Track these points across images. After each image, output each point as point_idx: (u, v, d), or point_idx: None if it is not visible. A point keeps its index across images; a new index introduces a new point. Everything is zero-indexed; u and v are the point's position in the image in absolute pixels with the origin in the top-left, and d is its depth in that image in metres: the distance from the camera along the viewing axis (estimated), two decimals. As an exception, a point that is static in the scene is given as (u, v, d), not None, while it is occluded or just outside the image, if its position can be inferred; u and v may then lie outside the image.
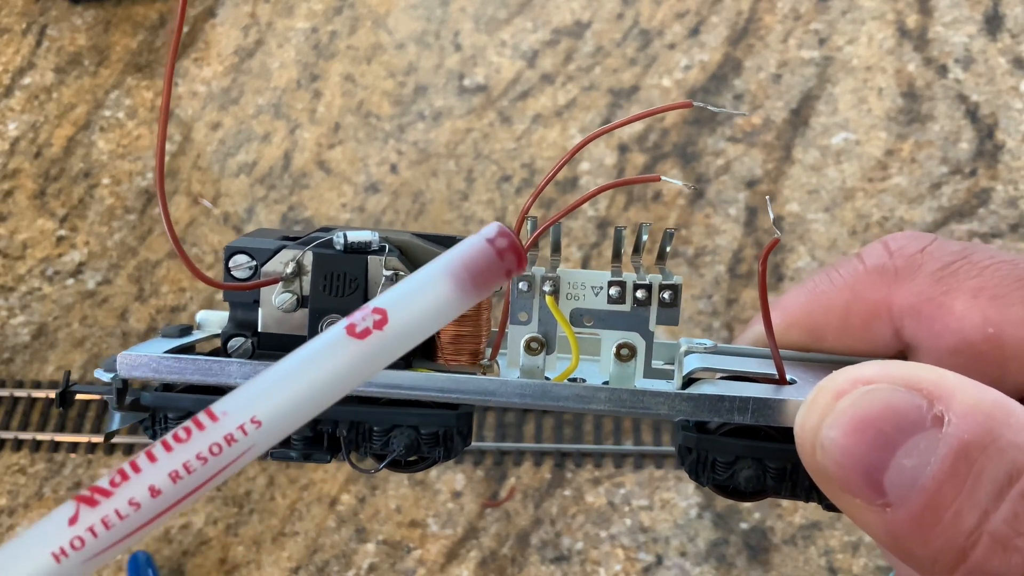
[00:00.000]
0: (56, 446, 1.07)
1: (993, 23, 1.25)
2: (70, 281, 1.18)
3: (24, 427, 1.08)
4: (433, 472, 1.03)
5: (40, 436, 1.06)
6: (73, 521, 0.19)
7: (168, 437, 0.20)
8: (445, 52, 1.30)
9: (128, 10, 1.38)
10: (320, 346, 0.21)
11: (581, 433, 1.04)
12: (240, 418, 0.20)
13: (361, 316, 0.21)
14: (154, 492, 0.20)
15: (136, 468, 0.20)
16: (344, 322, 0.21)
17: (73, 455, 1.06)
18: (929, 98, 1.21)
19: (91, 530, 0.19)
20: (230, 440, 0.20)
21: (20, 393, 1.09)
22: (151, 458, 0.20)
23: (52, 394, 1.07)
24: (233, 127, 1.27)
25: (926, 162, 1.17)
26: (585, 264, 1.12)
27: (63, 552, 0.19)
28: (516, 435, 1.05)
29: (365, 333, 0.21)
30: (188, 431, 0.20)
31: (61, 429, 1.07)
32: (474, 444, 1.04)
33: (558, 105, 1.24)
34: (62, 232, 1.22)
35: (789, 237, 1.13)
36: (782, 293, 0.33)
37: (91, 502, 0.19)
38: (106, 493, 0.19)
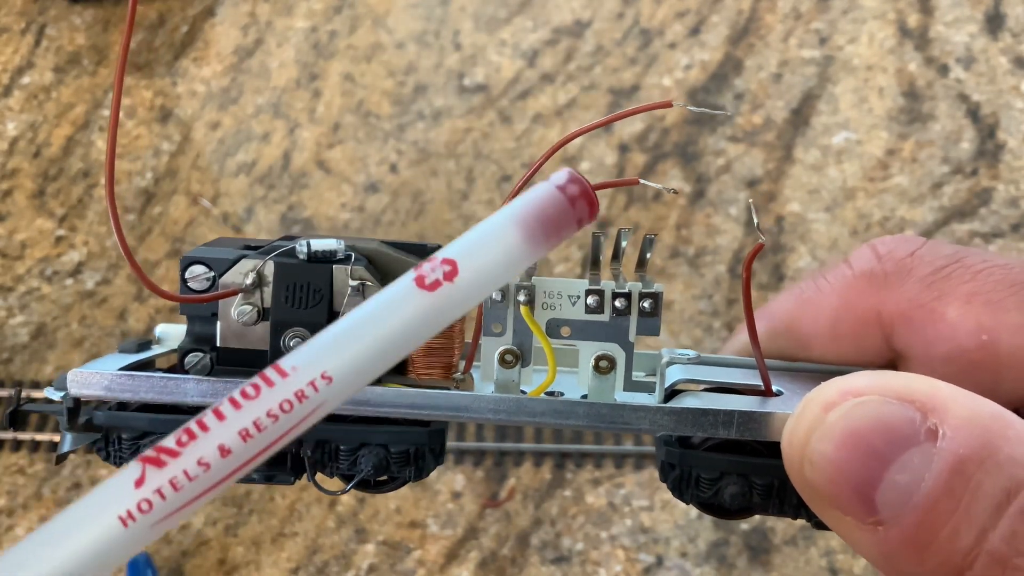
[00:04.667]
0: (55, 446, 1.06)
1: (994, 22, 1.25)
2: (69, 281, 1.18)
3: (23, 427, 1.07)
4: (433, 473, 1.03)
5: (39, 436, 1.06)
6: (140, 483, 0.18)
7: (236, 394, 0.19)
8: (445, 51, 1.29)
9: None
10: (389, 298, 0.20)
11: (581, 433, 1.04)
12: (310, 373, 0.19)
13: (430, 267, 0.20)
14: (224, 451, 0.19)
15: (204, 427, 0.19)
16: (412, 273, 0.20)
17: (72, 455, 1.06)
18: (930, 98, 1.21)
19: (159, 492, 0.18)
20: (301, 396, 0.19)
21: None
22: (219, 416, 0.19)
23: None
24: (232, 127, 1.27)
25: (927, 162, 1.16)
26: (585, 263, 1.12)
27: (130, 515, 0.18)
28: (516, 435, 1.05)
29: (435, 285, 0.20)
30: (256, 387, 0.19)
31: (60, 429, 1.07)
32: (474, 444, 1.03)
33: (558, 105, 1.24)
34: (61, 232, 1.21)
35: (790, 237, 1.12)
36: (779, 295, 0.32)
37: (158, 463, 0.18)
38: (173, 453, 0.18)
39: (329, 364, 0.19)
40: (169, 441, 0.19)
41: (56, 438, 1.06)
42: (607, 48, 1.27)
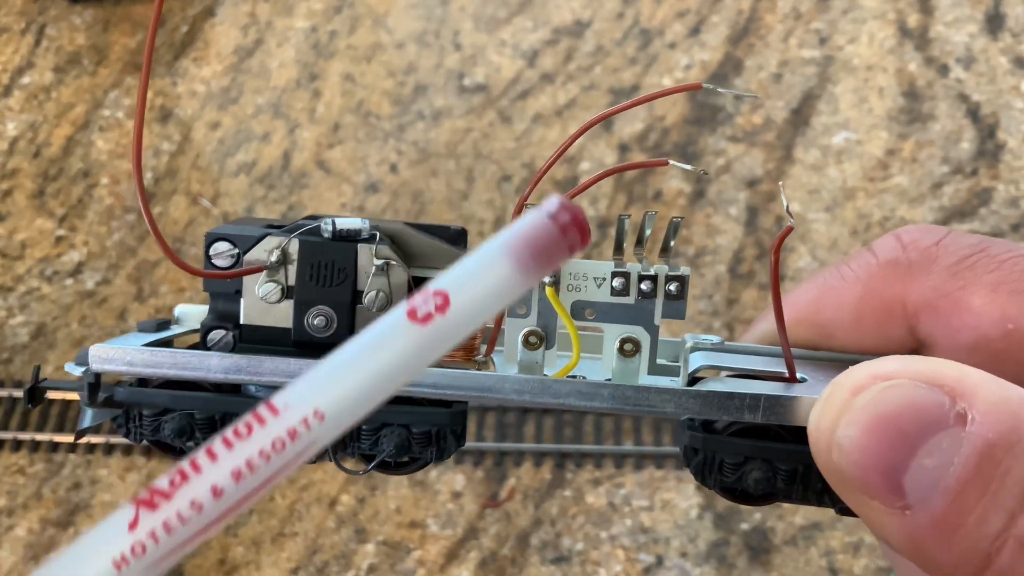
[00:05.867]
0: (55, 446, 1.06)
1: (994, 22, 1.25)
2: (69, 281, 1.18)
3: (23, 427, 1.07)
4: (433, 472, 1.03)
5: (39, 436, 1.06)
6: (133, 526, 0.18)
7: (228, 433, 0.19)
8: (445, 52, 1.30)
9: (127, 9, 1.38)
10: (380, 332, 0.19)
11: (581, 433, 1.04)
12: (302, 411, 0.19)
13: (422, 300, 0.19)
14: (216, 492, 0.18)
15: (196, 467, 0.19)
16: (404, 306, 0.19)
17: (72, 455, 1.06)
18: (930, 97, 1.21)
19: (152, 535, 0.18)
20: (293, 435, 0.19)
21: (19, 393, 1.08)
22: (211, 456, 0.19)
23: (51, 395, 1.06)
24: (232, 127, 1.27)
25: (927, 162, 1.17)
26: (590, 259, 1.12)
27: (124, 559, 0.18)
28: (516, 435, 1.05)
29: (427, 318, 0.19)
30: (249, 427, 0.19)
31: (60, 429, 1.07)
32: (474, 444, 1.03)
33: (558, 105, 1.24)
34: (61, 232, 1.21)
35: (790, 237, 1.12)
36: (782, 294, 0.32)
37: (151, 505, 0.18)
38: (166, 495, 0.18)
39: (321, 401, 0.19)
40: (162, 482, 0.19)
41: (57, 438, 1.06)
42: (607, 48, 1.27)
